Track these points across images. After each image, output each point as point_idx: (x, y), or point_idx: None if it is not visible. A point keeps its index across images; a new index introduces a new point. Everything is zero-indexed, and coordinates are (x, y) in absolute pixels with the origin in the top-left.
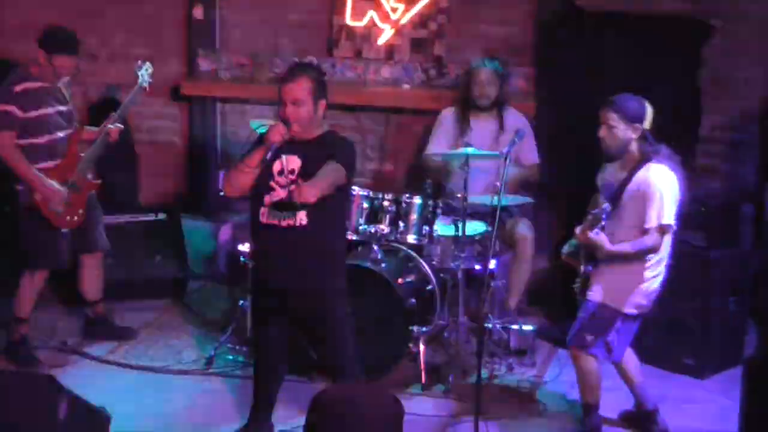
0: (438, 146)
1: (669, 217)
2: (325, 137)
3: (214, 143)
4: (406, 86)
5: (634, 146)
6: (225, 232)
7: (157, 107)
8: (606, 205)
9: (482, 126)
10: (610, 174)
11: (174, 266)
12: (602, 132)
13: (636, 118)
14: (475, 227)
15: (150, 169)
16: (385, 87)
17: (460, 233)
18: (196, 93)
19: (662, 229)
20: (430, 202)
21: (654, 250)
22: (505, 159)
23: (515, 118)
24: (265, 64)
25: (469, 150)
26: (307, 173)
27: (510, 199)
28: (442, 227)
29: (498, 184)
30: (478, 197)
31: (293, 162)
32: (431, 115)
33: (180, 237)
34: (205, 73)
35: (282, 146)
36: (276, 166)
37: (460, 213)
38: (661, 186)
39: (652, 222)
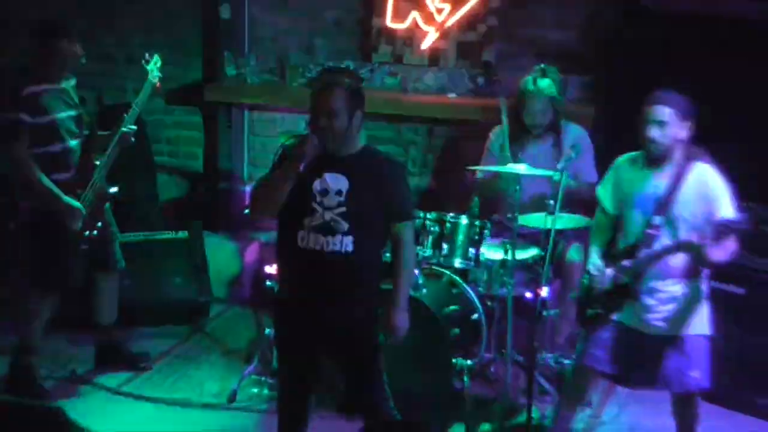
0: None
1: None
2: (367, 153)
3: (241, 155)
4: (451, 95)
5: (679, 147)
6: (251, 253)
7: (178, 115)
8: (656, 218)
9: (537, 146)
10: (634, 184)
11: (195, 289)
12: (653, 131)
13: (689, 115)
14: (526, 251)
15: (170, 182)
16: (428, 95)
17: (509, 257)
18: (221, 100)
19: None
20: (477, 223)
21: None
22: (561, 176)
23: (574, 134)
24: (298, 68)
25: (522, 167)
26: (355, 197)
27: (565, 221)
28: (490, 250)
29: (552, 203)
30: (530, 218)
31: (339, 182)
32: (479, 127)
33: (202, 257)
34: (232, 78)
35: (320, 162)
36: (317, 186)
37: (511, 235)
38: (724, 184)
39: (731, 215)
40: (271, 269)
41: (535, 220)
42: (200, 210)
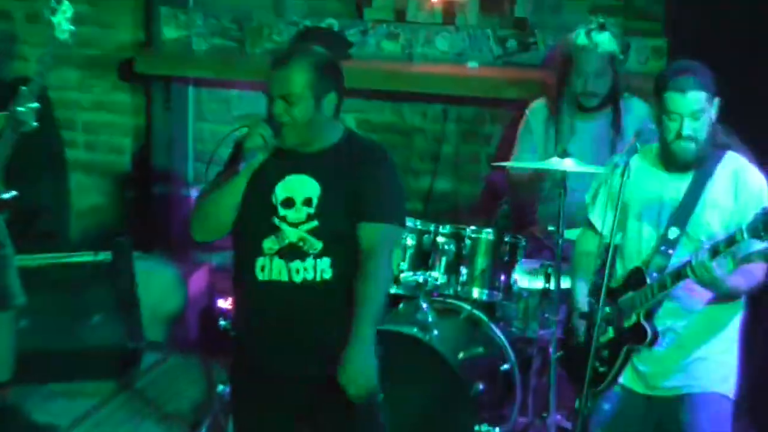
0: (524, 158)
1: None
2: (345, 146)
3: (184, 148)
4: (472, 64)
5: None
6: (198, 281)
7: (99, 93)
8: (672, 231)
9: (590, 128)
10: (644, 189)
11: (121, 331)
12: (687, 128)
13: (716, 91)
14: None
15: (88, 185)
16: (441, 65)
17: (552, 286)
18: (157, 71)
19: None
20: (508, 239)
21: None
22: (622, 174)
23: (638, 114)
24: (262, 29)
25: (567, 163)
26: (330, 205)
27: None
28: (526, 276)
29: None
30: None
31: (306, 187)
32: (509, 108)
33: (131, 287)
34: (171, 43)
35: (281, 162)
36: (278, 194)
37: (553, 255)
38: (765, 184)
39: None
40: (225, 303)
41: None
42: (128, 223)
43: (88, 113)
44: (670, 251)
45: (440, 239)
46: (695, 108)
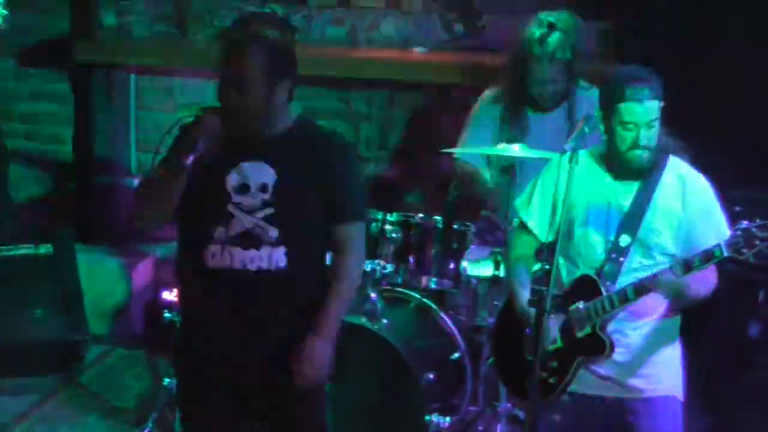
0: (473, 146)
1: None
2: (299, 131)
3: (126, 137)
4: (419, 49)
5: None
6: (142, 273)
7: (37, 82)
8: (623, 238)
9: (545, 123)
10: (590, 193)
11: (64, 324)
12: (644, 137)
13: (661, 95)
14: None
15: (27, 175)
16: (386, 50)
17: (501, 273)
18: (97, 59)
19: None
20: (457, 226)
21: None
22: (570, 160)
23: (590, 100)
24: (203, 15)
25: (516, 148)
26: (286, 192)
27: None
28: (475, 264)
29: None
30: None
31: (262, 173)
32: (459, 95)
33: (73, 279)
34: (111, 30)
35: (235, 147)
36: (232, 180)
37: (503, 242)
38: (710, 189)
39: (725, 234)
40: (171, 295)
41: None
42: (70, 214)
43: (27, 103)
44: (621, 258)
45: (388, 227)
46: (651, 117)
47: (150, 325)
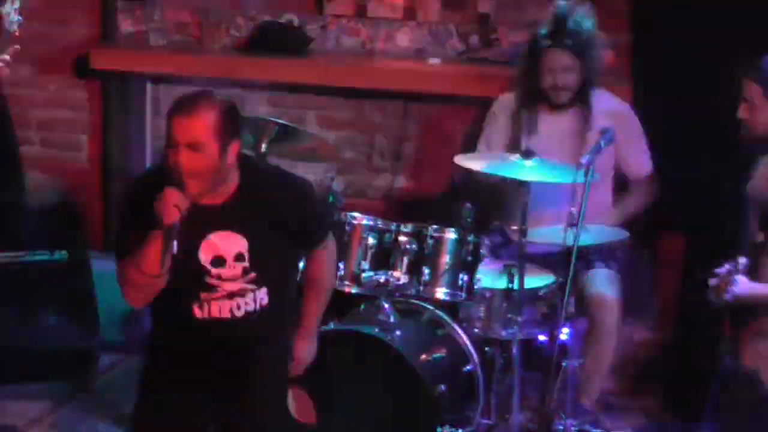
0: (490, 153)
1: None
2: (247, 181)
3: (142, 145)
4: (434, 60)
5: None
6: None
7: (54, 89)
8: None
9: (558, 123)
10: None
11: (77, 332)
12: (742, 111)
13: None
14: (539, 277)
15: (43, 182)
16: (402, 61)
17: (516, 286)
18: (114, 67)
19: None
20: (471, 238)
21: None
22: (586, 173)
23: (607, 109)
24: (221, 24)
25: (529, 161)
26: (261, 251)
27: (593, 236)
28: (489, 276)
29: (574, 211)
30: (544, 232)
31: (233, 243)
32: (474, 104)
33: (88, 286)
34: (129, 38)
35: (196, 219)
36: (204, 256)
37: (517, 255)
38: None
39: None
40: None
41: (551, 234)
42: (86, 221)
43: (43, 110)
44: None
45: (402, 238)
46: (749, 97)
47: None
